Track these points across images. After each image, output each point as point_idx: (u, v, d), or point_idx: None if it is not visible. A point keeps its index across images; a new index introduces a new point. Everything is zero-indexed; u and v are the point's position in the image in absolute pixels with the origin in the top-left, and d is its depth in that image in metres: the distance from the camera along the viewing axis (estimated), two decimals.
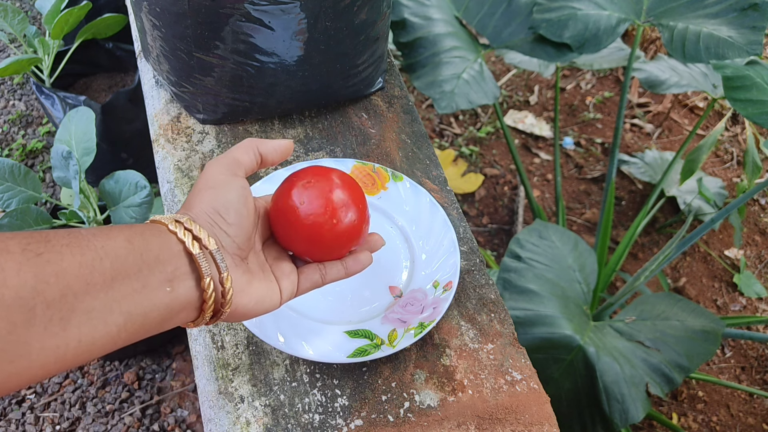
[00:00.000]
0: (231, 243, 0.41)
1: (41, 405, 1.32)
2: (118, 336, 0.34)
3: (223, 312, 0.40)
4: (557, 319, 0.95)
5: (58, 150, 0.98)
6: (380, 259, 0.67)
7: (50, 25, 1.29)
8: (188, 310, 0.38)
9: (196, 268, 0.38)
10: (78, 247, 0.32)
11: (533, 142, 1.92)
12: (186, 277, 0.37)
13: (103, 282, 0.32)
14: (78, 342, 0.32)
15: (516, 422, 0.56)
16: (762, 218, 1.78)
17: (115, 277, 0.33)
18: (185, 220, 0.39)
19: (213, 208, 0.41)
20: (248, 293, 0.41)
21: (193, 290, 0.38)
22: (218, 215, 0.41)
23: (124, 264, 0.34)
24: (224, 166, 0.43)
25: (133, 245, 0.35)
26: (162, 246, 0.36)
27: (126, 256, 0.34)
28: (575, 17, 1.17)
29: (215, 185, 0.42)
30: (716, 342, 1.01)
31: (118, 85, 1.59)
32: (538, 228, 1.11)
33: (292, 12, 0.66)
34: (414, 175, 0.75)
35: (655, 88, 1.42)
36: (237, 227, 0.41)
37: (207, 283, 0.38)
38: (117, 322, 0.33)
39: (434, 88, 1.13)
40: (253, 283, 0.42)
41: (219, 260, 0.38)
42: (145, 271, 0.35)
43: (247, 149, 0.45)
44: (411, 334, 0.59)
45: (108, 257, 0.33)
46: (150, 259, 0.35)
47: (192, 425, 1.30)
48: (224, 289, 0.39)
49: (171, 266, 0.36)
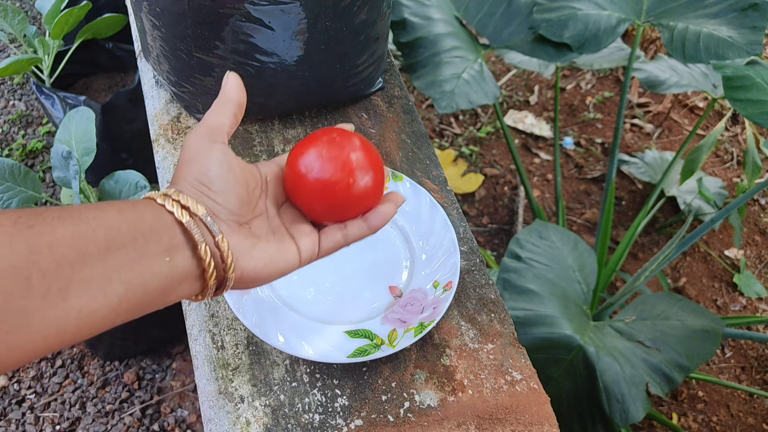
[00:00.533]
0: (222, 210, 0.40)
1: (41, 405, 1.32)
2: (120, 307, 0.33)
3: (228, 278, 0.39)
4: (557, 319, 0.95)
5: (58, 150, 0.98)
6: (380, 259, 0.67)
7: (50, 25, 1.29)
8: (190, 280, 0.38)
9: (190, 237, 0.37)
10: (70, 218, 0.32)
11: (533, 142, 1.92)
12: (182, 247, 0.37)
13: (98, 252, 0.32)
14: (78, 312, 0.31)
15: (516, 422, 0.56)
16: (762, 218, 1.78)
17: (110, 247, 0.33)
18: (172, 192, 0.38)
19: (196, 179, 0.40)
20: (252, 256, 0.40)
21: (191, 259, 0.37)
22: (202, 185, 0.40)
23: (118, 233, 0.34)
24: (200, 134, 0.42)
25: (125, 216, 0.35)
26: (155, 217, 0.36)
27: (119, 226, 0.34)
28: (575, 17, 1.17)
29: (194, 156, 0.41)
30: (716, 342, 1.01)
31: (118, 85, 1.59)
32: (538, 228, 1.11)
33: (292, 12, 0.66)
34: (414, 175, 0.75)
35: (655, 88, 1.42)
36: (224, 193, 0.40)
37: (203, 249, 0.37)
38: (117, 292, 0.33)
39: (434, 88, 1.13)
40: (258, 245, 0.41)
41: (210, 224, 0.38)
42: (141, 240, 0.35)
43: (221, 109, 0.43)
44: (411, 334, 0.59)
45: (101, 227, 0.33)
46: (144, 229, 0.35)
47: (192, 425, 1.30)
48: (222, 253, 0.38)
49: (166, 236, 0.36)
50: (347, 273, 0.65)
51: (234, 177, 0.41)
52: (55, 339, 0.31)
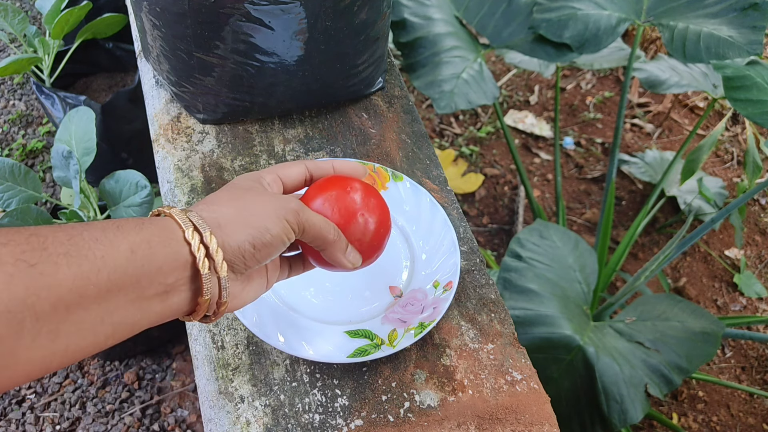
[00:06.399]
0: (244, 269, 0.40)
1: (41, 405, 1.32)
2: (105, 343, 0.33)
3: (212, 318, 0.40)
4: (557, 319, 0.95)
5: (59, 150, 0.98)
6: (380, 259, 0.67)
7: (50, 25, 1.29)
8: (179, 315, 0.38)
9: (198, 281, 0.37)
10: (76, 257, 0.31)
11: (533, 142, 1.92)
12: (184, 288, 0.36)
13: (97, 294, 0.31)
14: (65, 351, 0.31)
15: (516, 422, 0.56)
16: (762, 218, 1.78)
17: (110, 290, 0.32)
18: (206, 234, 0.37)
19: (252, 244, 0.38)
20: (241, 298, 0.41)
21: (188, 301, 0.37)
22: (253, 249, 0.39)
23: (122, 276, 0.33)
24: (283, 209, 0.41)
25: (136, 255, 0.33)
26: (167, 256, 0.35)
27: (126, 267, 0.33)
28: (575, 17, 1.17)
29: (267, 224, 0.39)
30: (716, 344, 1.01)
31: (118, 85, 1.59)
32: (539, 228, 1.11)
33: (292, 12, 0.66)
34: (414, 175, 0.75)
35: (656, 87, 1.42)
36: (261, 263, 0.40)
37: (205, 299, 0.37)
38: (106, 332, 0.33)
39: (433, 87, 1.13)
40: (246, 288, 0.42)
41: (224, 287, 0.38)
42: (144, 282, 0.34)
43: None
44: (411, 334, 0.58)
45: (106, 269, 0.32)
46: (151, 270, 0.34)
47: (192, 425, 1.30)
48: (220, 301, 0.39)
49: (172, 277, 0.35)
50: (347, 273, 0.65)
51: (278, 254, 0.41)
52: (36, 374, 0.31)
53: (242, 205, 0.40)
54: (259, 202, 0.41)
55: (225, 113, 0.76)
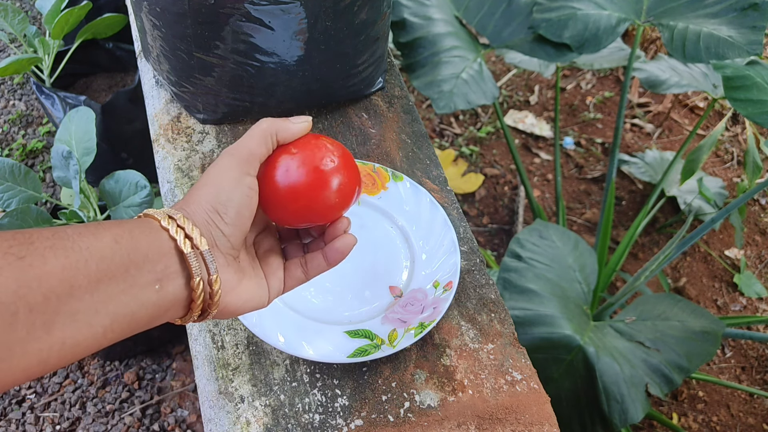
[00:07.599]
0: (225, 242, 0.40)
1: (41, 405, 1.32)
2: (104, 336, 0.33)
3: (210, 312, 0.40)
4: (557, 319, 0.95)
5: (59, 150, 0.98)
6: (380, 259, 0.67)
7: (50, 25, 1.29)
8: (176, 308, 0.38)
9: (187, 267, 0.37)
10: (62, 249, 0.32)
11: (533, 142, 1.92)
12: (176, 276, 0.37)
13: (87, 284, 0.32)
14: (62, 344, 0.31)
15: (516, 422, 0.56)
16: (762, 218, 1.78)
17: (101, 279, 0.33)
18: (179, 216, 0.38)
19: (212, 205, 0.40)
20: (237, 293, 0.41)
21: (182, 289, 0.37)
22: (217, 214, 0.40)
23: (110, 265, 0.33)
24: (237, 160, 0.41)
25: (120, 245, 0.34)
26: (151, 244, 0.36)
27: (112, 256, 0.33)
28: (575, 17, 1.17)
29: (221, 182, 0.40)
30: (716, 343, 1.01)
31: (118, 85, 1.59)
32: (539, 228, 1.11)
33: (292, 12, 0.66)
34: (414, 175, 0.75)
35: (656, 87, 1.42)
36: (234, 227, 0.40)
37: (197, 282, 0.37)
38: (103, 323, 0.33)
39: (433, 87, 1.13)
40: (243, 282, 0.42)
41: (209, 261, 0.38)
42: (133, 270, 0.34)
43: (264, 139, 0.43)
44: (411, 334, 0.58)
45: (93, 258, 0.32)
46: (138, 258, 0.35)
47: (192, 425, 1.30)
48: (212, 290, 0.39)
49: (161, 265, 0.36)
50: (347, 273, 0.65)
51: (249, 213, 0.41)
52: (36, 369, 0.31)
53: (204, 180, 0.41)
54: (218, 167, 0.41)
55: (225, 113, 0.76)
